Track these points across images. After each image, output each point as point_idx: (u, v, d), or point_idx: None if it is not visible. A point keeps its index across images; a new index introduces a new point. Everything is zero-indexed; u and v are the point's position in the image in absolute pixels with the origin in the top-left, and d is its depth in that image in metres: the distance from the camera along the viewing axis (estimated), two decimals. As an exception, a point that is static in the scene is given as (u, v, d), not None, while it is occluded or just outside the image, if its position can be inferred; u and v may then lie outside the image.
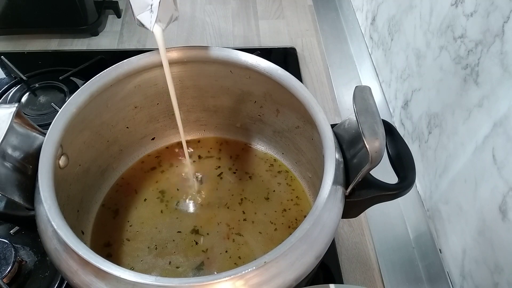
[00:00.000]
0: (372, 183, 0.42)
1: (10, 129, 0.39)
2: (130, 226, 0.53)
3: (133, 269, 0.45)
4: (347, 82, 0.80)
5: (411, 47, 0.62)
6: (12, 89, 0.75)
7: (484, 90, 0.45)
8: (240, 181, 0.57)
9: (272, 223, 0.53)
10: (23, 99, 0.74)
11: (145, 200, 0.55)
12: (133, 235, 0.52)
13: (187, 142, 0.61)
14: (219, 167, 0.59)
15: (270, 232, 0.53)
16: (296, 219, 0.54)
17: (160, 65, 0.50)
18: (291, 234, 0.36)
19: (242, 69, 0.51)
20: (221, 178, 0.58)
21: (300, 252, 0.36)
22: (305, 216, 0.37)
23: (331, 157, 0.40)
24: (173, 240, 0.51)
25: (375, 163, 0.37)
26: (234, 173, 0.58)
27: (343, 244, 0.60)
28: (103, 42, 0.88)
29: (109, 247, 0.51)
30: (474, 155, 0.47)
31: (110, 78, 0.48)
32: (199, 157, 0.60)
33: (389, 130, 0.44)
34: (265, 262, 0.34)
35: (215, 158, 0.60)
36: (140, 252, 0.51)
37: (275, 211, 0.54)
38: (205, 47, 0.51)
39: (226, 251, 0.51)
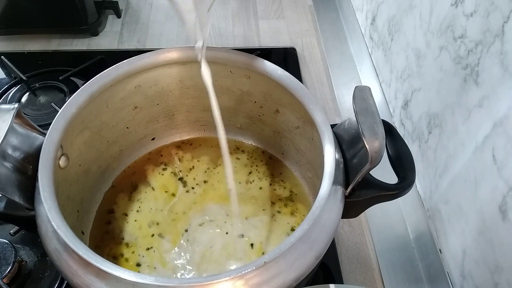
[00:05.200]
0: (372, 183, 0.42)
1: (10, 129, 0.39)
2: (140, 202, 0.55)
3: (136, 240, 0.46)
4: (347, 82, 0.80)
5: (411, 47, 0.63)
6: (12, 89, 0.75)
7: (484, 90, 0.45)
8: (240, 180, 0.57)
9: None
10: (23, 99, 0.74)
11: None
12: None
13: (187, 141, 0.61)
14: (218, 166, 0.59)
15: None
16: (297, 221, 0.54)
17: (160, 65, 0.51)
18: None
19: (242, 69, 0.51)
20: (220, 178, 0.58)
21: (300, 252, 0.36)
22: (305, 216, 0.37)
23: (331, 157, 0.40)
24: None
25: (375, 163, 0.37)
26: (233, 172, 0.58)
27: (343, 244, 0.60)
28: (103, 42, 0.88)
29: (112, 214, 0.53)
30: (474, 155, 0.47)
31: (110, 78, 0.48)
32: (198, 158, 0.60)
33: (389, 130, 0.44)
34: (265, 262, 0.34)
35: (215, 159, 0.60)
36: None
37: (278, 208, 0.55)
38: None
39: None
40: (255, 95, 0.54)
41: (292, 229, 0.53)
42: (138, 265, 0.50)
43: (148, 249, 0.51)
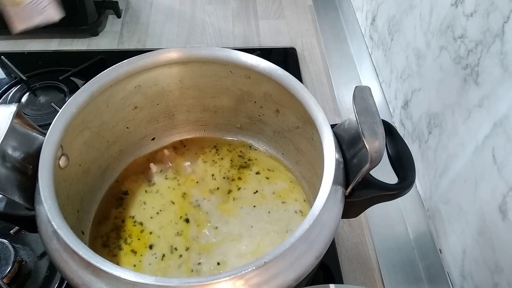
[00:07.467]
0: (372, 183, 0.42)
1: (10, 129, 0.39)
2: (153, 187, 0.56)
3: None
4: (347, 82, 0.80)
5: (411, 47, 0.63)
6: (12, 89, 0.75)
7: (484, 90, 0.45)
8: (239, 181, 0.57)
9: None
10: (23, 99, 0.74)
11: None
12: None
13: (186, 140, 0.61)
14: (218, 167, 0.59)
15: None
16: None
17: (160, 65, 0.51)
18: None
19: (242, 69, 0.51)
20: (222, 178, 0.58)
21: (300, 252, 0.36)
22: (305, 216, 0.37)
23: (331, 157, 0.40)
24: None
25: (375, 163, 0.37)
26: (234, 172, 0.58)
27: (343, 244, 0.60)
28: (103, 42, 0.88)
29: (126, 195, 0.55)
30: (474, 155, 0.47)
31: (110, 78, 0.48)
32: (198, 158, 0.60)
33: (389, 130, 0.44)
34: (265, 262, 0.34)
35: (214, 159, 0.60)
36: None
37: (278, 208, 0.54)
38: (205, 47, 0.51)
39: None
40: (255, 95, 0.54)
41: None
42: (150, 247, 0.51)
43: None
